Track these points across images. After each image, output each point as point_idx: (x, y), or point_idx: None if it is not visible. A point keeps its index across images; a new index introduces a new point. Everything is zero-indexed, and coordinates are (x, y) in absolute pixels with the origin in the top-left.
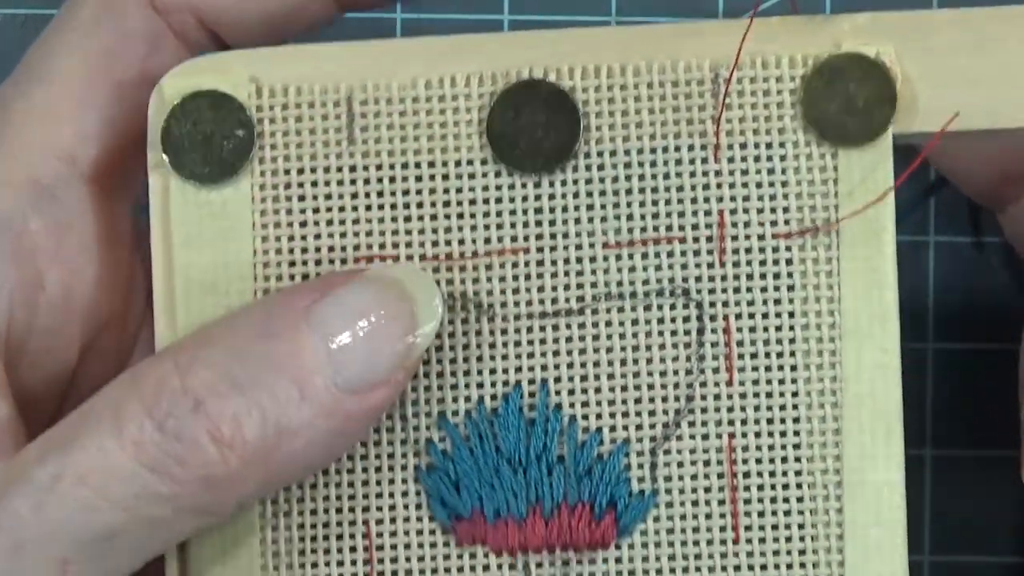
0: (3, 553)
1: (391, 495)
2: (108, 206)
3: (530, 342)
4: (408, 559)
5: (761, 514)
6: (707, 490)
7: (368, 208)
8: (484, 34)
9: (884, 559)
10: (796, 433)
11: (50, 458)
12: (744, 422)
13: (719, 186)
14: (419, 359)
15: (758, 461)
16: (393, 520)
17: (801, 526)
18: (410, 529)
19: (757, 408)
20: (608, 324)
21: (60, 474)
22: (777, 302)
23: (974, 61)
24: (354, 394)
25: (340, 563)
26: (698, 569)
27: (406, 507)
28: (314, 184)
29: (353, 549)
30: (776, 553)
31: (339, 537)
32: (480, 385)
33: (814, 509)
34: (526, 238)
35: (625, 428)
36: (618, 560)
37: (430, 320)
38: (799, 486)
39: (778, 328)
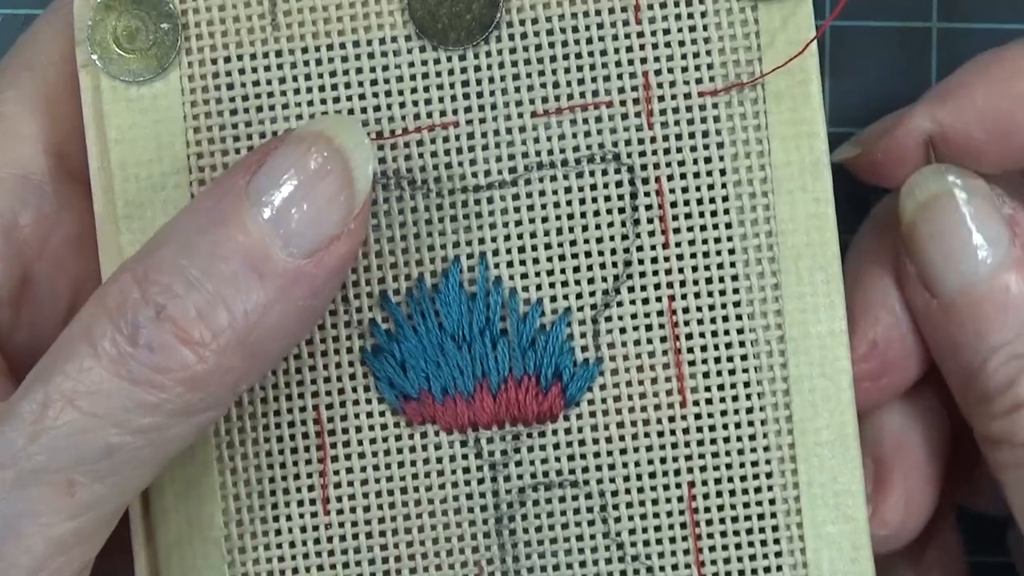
0: (7, 486)
1: (339, 379)
2: None
3: (466, 216)
4: (360, 442)
5: (706, 375)
6: (651, 355)
7: (296, 92)
8: None
9: (832, 409)
10: (735, 291)
11: (35, 388)
12: (683, 283)
13: (642, 47)
14: (367, 202)
15: (699, 322)
16: (343, 404)
17: (747, 384)
18: (360, 411)
19: (695, 268)
20: (542, 194)
21: (47, 401)
22: (707, 160)
23: None
24: (312, 256)
25: (294, 450)
26: (647, 435)
27: (354, 390)
28: (241, 72)
29: (305, 435)
30: (724, 413)
31: (290, 424)
32: (419, 262)
33: (758, 366)
34: (454, 112)
35: (566, 297)
36: (567, 431)
37: (365, 162)
38: (742, 344)
39: (710, 187)
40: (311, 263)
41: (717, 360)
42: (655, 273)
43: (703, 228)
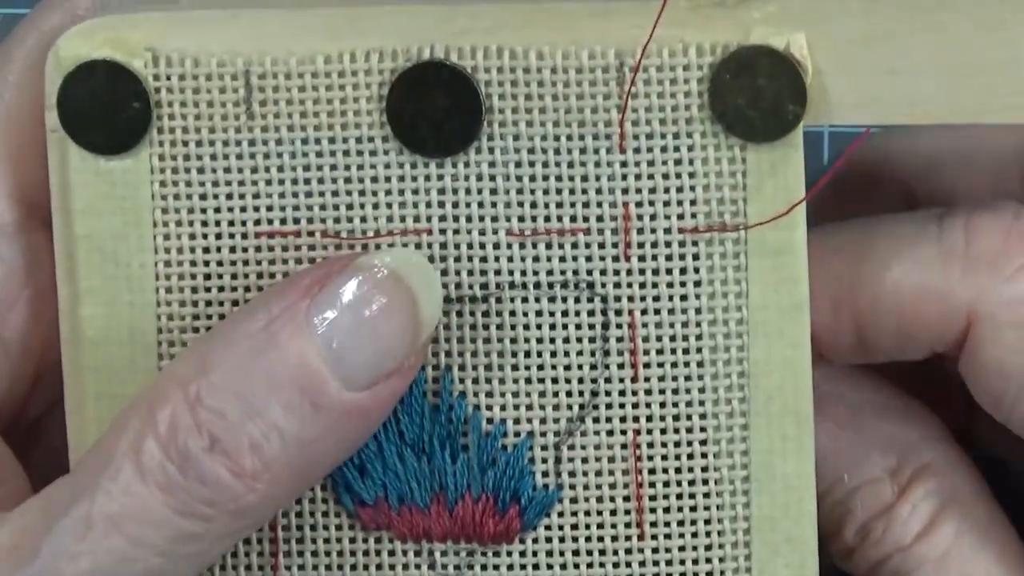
0: None
1: None
2: None
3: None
4: (314, 541)
5: (667, 510)
6: (612, 486)
7: (268, 183)
8: (384, 7)
9: (793, 551)
10: (703, 429)
11: (77, 507)
12: (650, 418)
13: (624, 177)
14: (427, 341)
15: (664, 457)
16: (299, 502)
17: (707, 521)
18: (316, 511)
19: (663, 404)
20: (512, 314)
21: (90, 523)
22: (683, 297)
23: (887, 51)
24: (367, 389)
25: (247, 541)
26: (603, 565)
27: (311, 490)
28: (213, 157)
29: (259, 529)
30: (682, 549)
31: None
32: None
33: (721, 504)
34: (429, 219)
35: (530, 421)
36: (522, 554)
37: (432, 299)
38: (705, 481)
39: (684, 324)
40: (367, 396)
41: (679, 496)
42: (622, 406)
43: (674, 365)
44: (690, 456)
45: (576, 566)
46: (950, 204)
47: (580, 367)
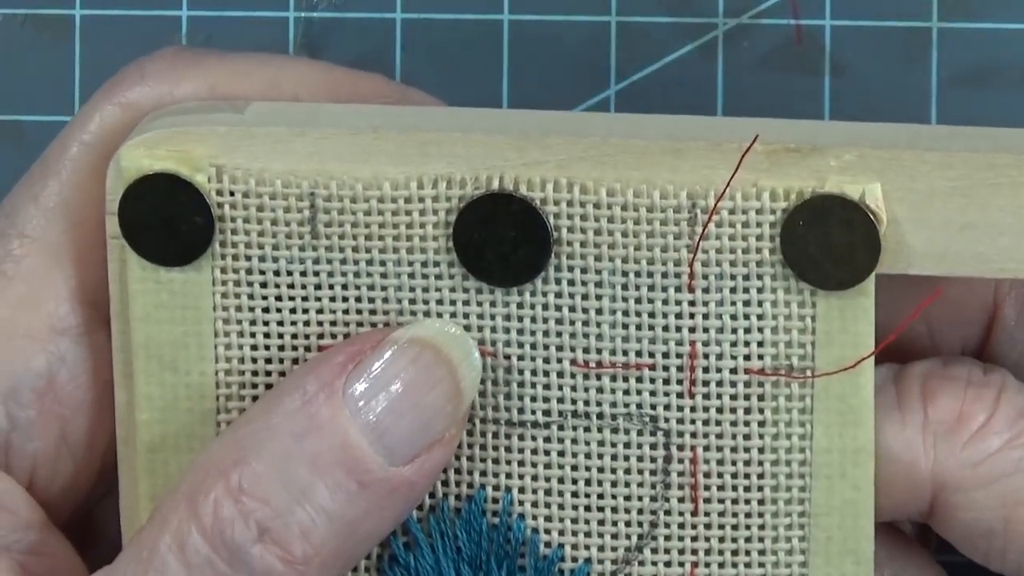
0: None
1: None
2: None
3: (495, 448)
4: None
5: None
6: None
7: (332, 300)
8: (454, 134)
9: None
10: (761, 565)
11: None
12: (708, 552)
13: (692, 316)
14: (467, 411)
15: None
16: None
17: None
18: None
19: (722, 539)
20: (574, 442)
21: None
22: (747, 436)
23: (962, 205)
24: (411, 463)
25: None
26: None
27: None
28: (276, 273)
29: None
30: None
31: None
32: (445, 483)
33: None
34: (493, 343)
35: (587, 548)
36: None
37: (471, 372)
38: None
39: (747, 463)
40: (411, 470)
41: None
42: (680, 539)
43: (735, 501)
44: None
45: None
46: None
47: (640, 498)
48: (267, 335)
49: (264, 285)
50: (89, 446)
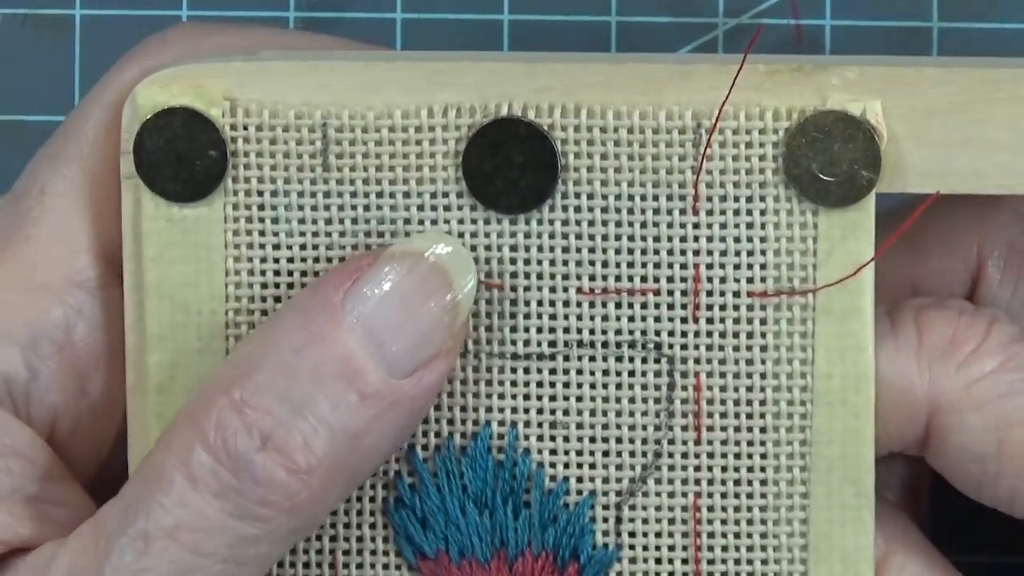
0: None
1: (359, 526)
2: None
3: (501, 383)
4: None
5: (724, 574)
6: (671, 548)
7: (343, 234)
8: (463, 62)
9: None
10: (763, 495)
11: (132, 524)
12: (711, 481)
13: (696, 239)
14: (466, 321)
15: (723, 522)
16: (360, 552)
17: None
18: (376, 563)
19: (724, 468)
20: (579, 372)
21: (148, 538)
22: (749, 362)
23: (961, 121)
24: (411, 376)
25: None
26: None
27: (373, 540)
28: (288, 207)
29: None
30: None
31: (306, 565)
32: (450, 422)
33: (778, 571)
34: (500, 275)
35: (592, 480)
36: None
37: (466, 281)
38: (764, 548)
39: (749, 388)
40: (411, 383)
41: (737, 561)
42: (684, 468)
43: (737, 429)
44: (749, 522)
45: None
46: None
47: (644, 427)
48: (277, 272)
49: (275, 221)
50: (108, 402)
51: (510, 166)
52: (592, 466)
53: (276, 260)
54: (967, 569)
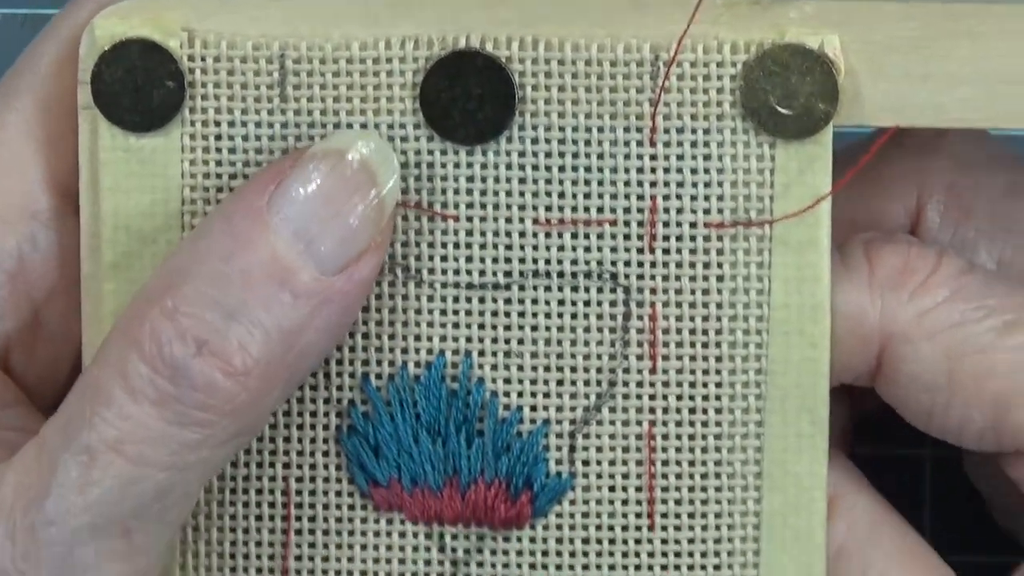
0: (63, 544)
1: (312, 454)
2: None
3: (455, 312)
4: (326, 520)
5: (678, 502)
6: (625, 476)
7: None
8: None
9: (801, 549)
10: (718, 423)
11: (75, 439)
12: (666, 410)
13: (653, 170)
14: (392, 216)
15: (678, 450)
16: (313, 479)
17: (718, 515)
18: (329, 490)
19: (679, 397)
20: (534, 302)
21: (92, 452)
22: (705, 292)
23: (921, 56)
24: (342, 271)
25: (259, 518)
26: (612, 554)
27: (326, 467)
28: (245, 138)
29: (272, 505)
30: (691, 541)
31: (259, 492)
32: (404, 351)
33: (732, 499)
34: (456, 205)
35: (546, 408)
36: (532, 540)
37: (389, 175)
38: (718, 476)
39: (705, 318)
40: (342, 279)
41: (691, 489)
42: (639, 396)
43: (692, 358)
44: (704, 450)
45: (585, 554)
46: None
47: (599, 356)
48: None
49: (232, 151)
50: (65, 332)
51: (468, 98)
52: (546, 395)
53: (232, 191)
54: (967, 569)
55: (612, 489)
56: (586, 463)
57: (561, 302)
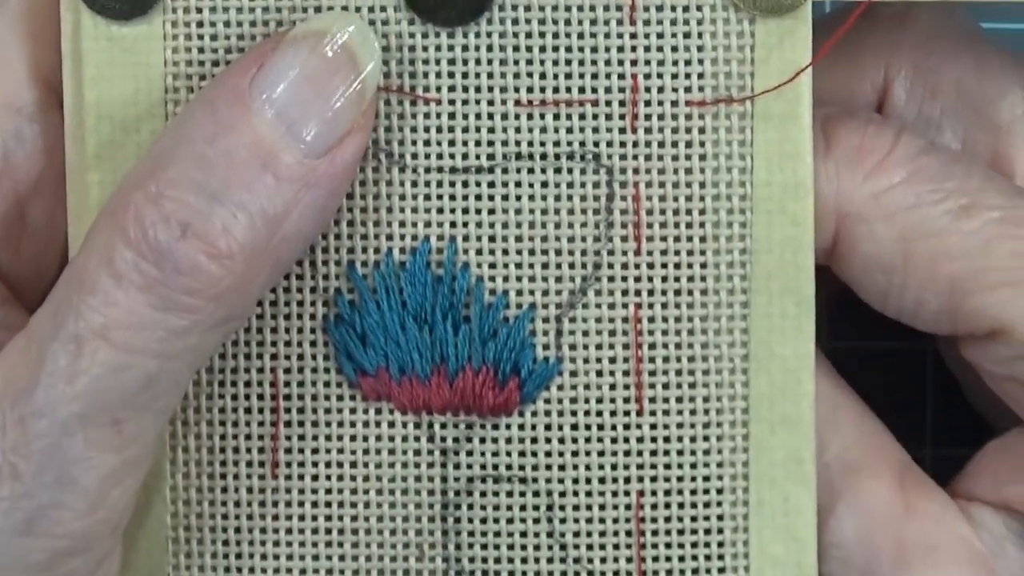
0: (53, 435)
1: (299, 344)
2: None
3: (439, 197)
4: (314, 410)
5: (666, 386)
6: (612, 360)
7: None
8: None
9: (790, 430)
10: (703, 305)
11: (62, 328)
12: (651, 292)
13: (634, 49)
14: (374, 99)
15: (664, 332)
16: (301, 370)
17: (706, 399)
18: (317, 380)
19: (664, 279)
20: (518, 184)
21: (79, 341)
22: (688, 171)
23: None
24: (326, 155)
25: (247, 410)
26: (600, 439)
27: (314, 358)
28: (227, 24)
29: (260, 396)
30: (680, 425)
31: (247, 384)
32: (389, 237)
33: (719, 382)
34: (438, 89)
35: (531, 293)
36: (521, 427)
37: (370, 56)
38: (705, 359)
39: (688, 198)
40: (326, 162)
41: (678, 372)
42: (624, 279)
43: (676, 239)
44: (690, 332)
45: (574, 440)
46: None
47: (584, 239)
48: None
49: (214, 38)
50: (50, 227)
51: None
52: (531, 279)
53: (215, 77)
54: None
55: (600, 374)
56: (572, 347)
57: (544, 184)
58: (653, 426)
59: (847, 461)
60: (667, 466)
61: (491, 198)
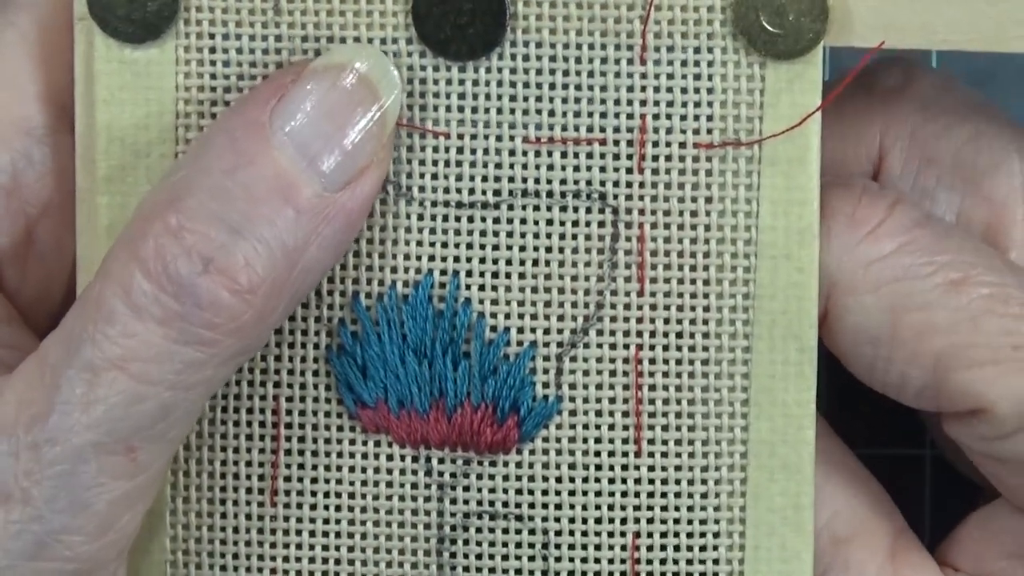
0: (67, 462)
1: (302, 373)
2: None
3: (444, 231)
4: (315, 440)
5: (665, 428)
6: (611, 400)
7: None
8: None
9: (789, 478)
10: (705, 348)
11: (78, 355)
12: (653, 334)
13: (643, 89)
14: (393, 131)
15: (665, 375)
16: (302, 399)
17: (705, 442)
18: (318, 410)
19: (667, 321)
20: (523, 222)
21: (95, 370)
22: (694, 214)
23: None
24: (345, 188)
25: (248, 436)
26: (598, 480)
27: (315, 387)
28: (239, 51)
29: (262, 424)
30: (678, 468)
31: (248, 411)
32: (394, 269)
33: (719, 426)
34: (447, 123)
35: (533, 331)
36: (519, 464)
37: (391, 90)
38: (705, 402)
39: (693, 240)
40: (345, 195)
41: (678, 415)
42: (626, 320)
43: (680, 281)
44: (691, 375)
45: (572, 479)
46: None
47: (587, 278)
48: None
49: (227, 64)
50: (58, 250)
51: (460, 13)
52: (533, 317)
53: (227, 103)
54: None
55: (599, 414)
56: (572, 387)
57: (549, 222)
58: (651, 468)
59: (837, 530)
60: (664, 508)
61: (496, 234)
